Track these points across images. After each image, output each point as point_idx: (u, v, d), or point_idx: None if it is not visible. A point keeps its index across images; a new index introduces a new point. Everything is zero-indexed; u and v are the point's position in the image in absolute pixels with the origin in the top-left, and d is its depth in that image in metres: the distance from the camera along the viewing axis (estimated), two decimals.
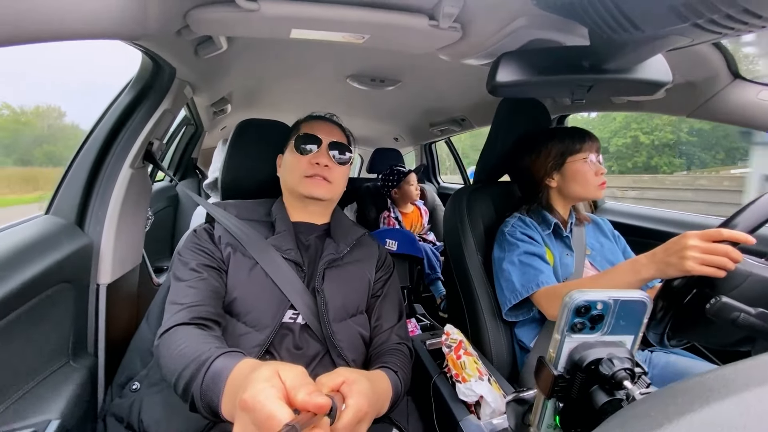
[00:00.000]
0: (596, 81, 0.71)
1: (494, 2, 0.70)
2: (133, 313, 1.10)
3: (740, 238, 0.68)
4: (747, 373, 0.28)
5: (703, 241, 0.69)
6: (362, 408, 0.49)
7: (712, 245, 0.68)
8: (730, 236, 0.68)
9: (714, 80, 0.99)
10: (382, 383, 0.67)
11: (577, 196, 1.09)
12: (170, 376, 0.60)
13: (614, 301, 0.42)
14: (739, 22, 0.47)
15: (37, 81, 2.70)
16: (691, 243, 0.70)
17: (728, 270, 0.67)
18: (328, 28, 0.78)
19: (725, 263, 0.67)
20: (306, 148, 0.86)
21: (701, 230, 0.70)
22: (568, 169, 1.07)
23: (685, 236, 0.72)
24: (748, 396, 0.25)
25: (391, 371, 0.73)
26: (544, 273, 0.99)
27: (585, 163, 1.04)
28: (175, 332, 0.65)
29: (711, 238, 0.69)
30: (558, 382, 0.43)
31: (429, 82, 1.67)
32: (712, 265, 0.68)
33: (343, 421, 0.46)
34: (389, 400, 0.67)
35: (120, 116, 0.96)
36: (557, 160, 1.07)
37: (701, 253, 0.68)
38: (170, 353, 0.62)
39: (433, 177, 3.20)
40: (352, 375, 0.53)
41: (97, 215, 0.92)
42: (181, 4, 0.68)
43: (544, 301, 0.97)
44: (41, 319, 0.75)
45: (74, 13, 0.51)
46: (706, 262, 0.68)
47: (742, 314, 0.66)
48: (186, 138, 2.32)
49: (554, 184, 1.10)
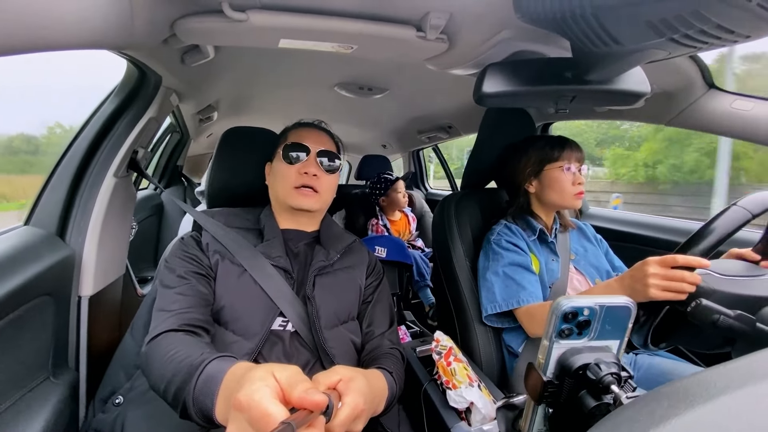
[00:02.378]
0: (579, 92, 0.73)
1: (480, 15, 0.71)
2: (117, 326, 1.07)
3: (694, 263, 0.72)
4: (728, 376, 0.29)
5: (662, 268, 0.73)
6: (359, 406, 0.49)
7: (670, 272, 0.72)
8: (685, 262, 0.72)
9: (690, 90, 1.03)
10: (378, 382, 0.67)
11: (553, 203, 1.11)
12: (159, 383, 0.59)
13: (600, 306, 0.43)
14: (712, 37, 0.50)
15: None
16: (651, 271, 0.74)
17: (687, 292, 0.71)
18: (317, 39, 0.78)
19: (683, 288, 0.71)
20: (294, 158, 0.85)
21: (660, 257, 0.74)
22: (545, 177, 1.09)
23: (646, 263, 0.75)
24: (728, 399, 0.26)
25: (386, 372, 0.72)
26: (525, 290, 1.00)
27: (562, 171, 1.06)
28: (163, 339, 0.64)
29: (668, 265, 0.73)
30: (547, 387, 0.43)
31: (416, 91, 1.69)
32: (672, 290, 0.72)
33: (339, 418, 0.46)
34: (385, 400, 0.66)
35: (104, 124, 0.94)
36: (535, 167, 1.10)
37: (661, 280, 0.72)
38: (159, 359, 0.61)
39: (421, 183, 3.22)
40: (348, 373, 0.52)
41: (79, 225, 0.90)
42: (168, 13, 0.68)
43: (524, 319, 1.00)
44: (19, 334, 0.73)
45: (60, 24, 0.50)
46: (667, 288, 0.72)
47: (722, 316, 0.68)
48: (171, 145, 2.29)
49: (533, 190, 1.12)
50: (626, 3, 0.48)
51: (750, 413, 0.25)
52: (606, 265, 1.15)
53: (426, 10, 0.71)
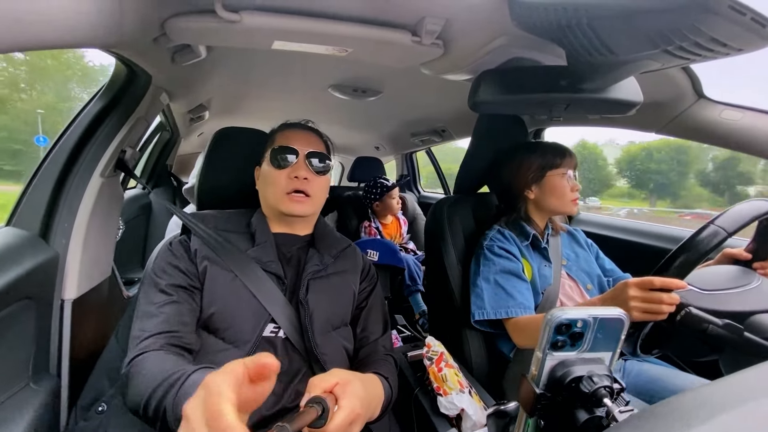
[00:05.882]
0: (573, 100, 0.73)
1: (476, 21, 0.71)
2: (102, 330, 1.04)
3: (671, 285, 0.72)
4: (724, 394, 0.29)
5: (640, 291, 0.74)
6: (355, 409, 0.48)
7: (648, 294, 0.73)
8: (662, 284, 0.72)
9: (680, 99, 1.05)
10: (374, 387, 0.65)
11: (553, 209, 1.12)
12: (138, 399, 0.57)
13: (593, 318, 0.43)
14: (706, 49, 0.50)
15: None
16: (631, 293, 0.75)
17: (667, 313, 0.73)
18: (311, 41, 0.77)
19: (661, 309, 0.72)
20: (283, 162, 0.82)
21: (638, 279, 0.75)
22: (546, 183, 1.10)
23: (626, 285, 0.76)
24: (727, 418, 0.25)
25: (382, 377, 0.71)
26: (515, 299, 1.00)
27: (563, 178, 1.08)
28: (144, 359, 0.62)
29: (646, 287, 0.74)
30: (540, 400, 0.43)
31: (410, 94, 1.69)
32: (650, 312, 0.73)
33: (335, 422, 0.46)
34: (381, 405, 0.66)
35: (90, 123, 0.92)
36: (537, 173, 1.10)
37: (641, 302, 0.73)
38: (139, 377, 0.59)
39: (414, 186, 3.22)
40: (345, 376, 0.52)
41: (63, 226, 0.88)
42: (158, 12, 0.66)
43: (513, 332, 1.00)
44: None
45: (48, 22, 0.48)
46: (646, 311, 0.73)
47: (711, 326, 0.69)
48: (161, 144, 2.25)
49: (532, 196, 1.13)
50: (622, 14, 0.48)
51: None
52: (597, 269, 1.16)
53: (422, 15, 0.71)
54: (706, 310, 0.72)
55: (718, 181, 12.52)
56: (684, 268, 0.77)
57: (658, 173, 13.46)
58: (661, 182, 13.51)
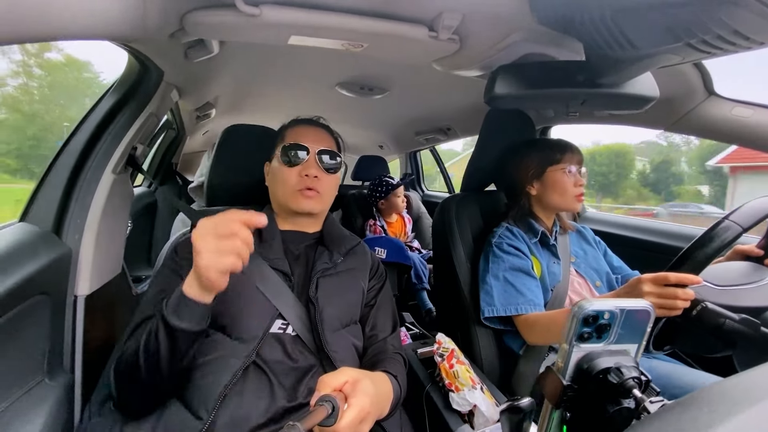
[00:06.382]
0: (590, 95, 0.73)
1: (493, 16, 0.71)
2: (113, 326, 1.04)
3: (686, 280, 0.72)
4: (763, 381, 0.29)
5: (655, 287, 0.74)
6: (365, 407, 0.49)
7: (663, 290, 0.73)
8: (677, 280, 0.72)
9: (691, 96, 1.05)
10: (384, 385, 0.66)
11: (555, 205, 1.12)
12: (134, 358, 0.61)
13: (621, 310, 0.43)
14: (728, 42, 0.50)
15: None
16: (645, 289, 0.74)
17: (682, 308, 0.72)
18: (328, 36, 0.77)
19: (676, 305, 0.72)
20: (294, 159, 0.81)
21: (653, 275, 0.75)
22: (547, 179, 1.10)
23: (640, 281, 0.76)
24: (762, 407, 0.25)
25: (391, 376, 0.71)
26: (524, 296, 1.00)
27: (564, 173, 1.07)
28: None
29: (661, 283, 0.74)
30: (567, 392, 0.43)
31: (417, 92, 1.69)
32: (665, 307, 0.73)
33: (345, 420, 0.46)
34: (390, 403, 0.66)
35: (103, 119, 0.91)
36: (538, 169, 1.11)
37: (656, 298, 0.73)
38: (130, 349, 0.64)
39: (418, 185, 3.22)
40: (355, 374, 0.52)
41: (76, 222, 0.87)
42: (179, 6, 0.66)
43: (524, 329, 1.00)
44: (14, 335, 0.70)
45: (75, 14, 0.48)
46: (661, 306, 0.73)
47: (727, 321, 0.69)
48: (167, 142, 2.24)
49: (534, 192, 1.13)
50: (647, 7, 0.48)
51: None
52: (605, 267, 1.16)
53: (439, 9, 0.70)
54: (721, 305, 0.72)
55: (655, 181, 13.30)
56: (699, 264, 0.77)
57: (601, 175, 14.47)
58: (603, 182, 14.39)
